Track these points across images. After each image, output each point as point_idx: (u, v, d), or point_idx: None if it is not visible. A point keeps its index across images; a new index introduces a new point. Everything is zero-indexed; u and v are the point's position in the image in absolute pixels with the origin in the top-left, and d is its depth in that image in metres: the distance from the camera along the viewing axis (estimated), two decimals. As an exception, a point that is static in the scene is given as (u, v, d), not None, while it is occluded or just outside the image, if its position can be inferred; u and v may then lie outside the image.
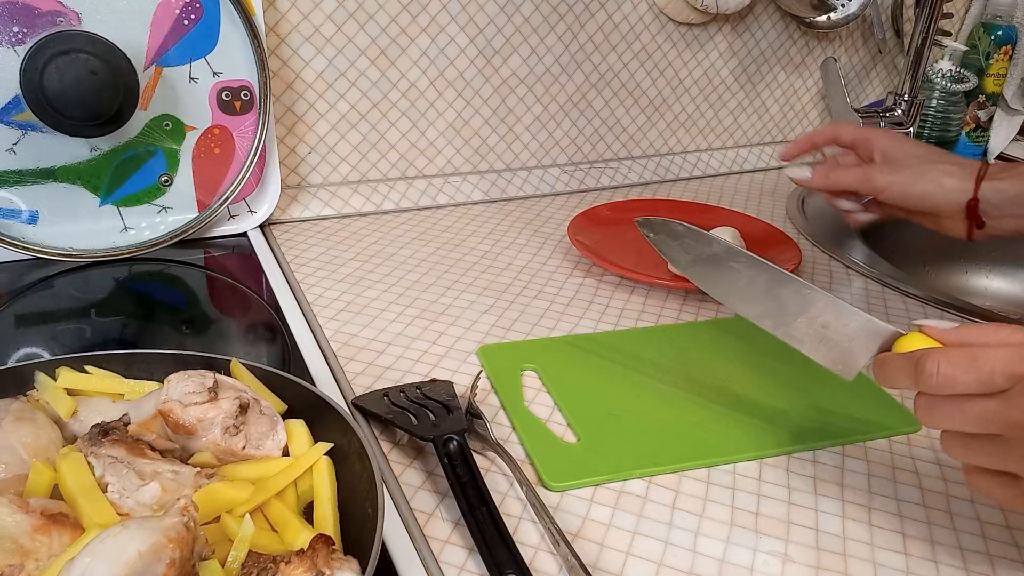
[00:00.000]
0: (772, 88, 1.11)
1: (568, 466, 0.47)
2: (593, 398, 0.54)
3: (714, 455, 0.49)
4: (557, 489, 0.46)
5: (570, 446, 0.50)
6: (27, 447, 0.39)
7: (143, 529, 0.31)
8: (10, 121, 0.66)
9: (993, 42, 1.11)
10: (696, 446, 0.50)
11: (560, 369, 0.58)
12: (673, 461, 0.49)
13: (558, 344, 0.62)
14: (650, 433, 0.51)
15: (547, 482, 0.46)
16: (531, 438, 0.50)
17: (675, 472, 0.48)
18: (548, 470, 0.47)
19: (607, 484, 0.47)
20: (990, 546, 0.44)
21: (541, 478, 0.47)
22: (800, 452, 0.50)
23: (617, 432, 0.51)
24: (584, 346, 0.61)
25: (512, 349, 0.60)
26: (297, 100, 0.84)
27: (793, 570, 0.42)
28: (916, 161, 0.66)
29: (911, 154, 0.66)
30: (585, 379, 0.57)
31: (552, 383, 0.56)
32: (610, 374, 0.57)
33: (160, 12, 0.69)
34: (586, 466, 0.48)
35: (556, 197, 0.96)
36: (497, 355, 0.59)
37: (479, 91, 0.92)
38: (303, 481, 0.41)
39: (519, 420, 0.52)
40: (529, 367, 0.58)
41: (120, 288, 0.70)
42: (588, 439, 0.50)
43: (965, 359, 0.37)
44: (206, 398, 0.42)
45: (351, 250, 0.78)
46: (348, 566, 0.33)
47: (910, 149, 0.67)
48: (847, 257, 0.81)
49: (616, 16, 0.95)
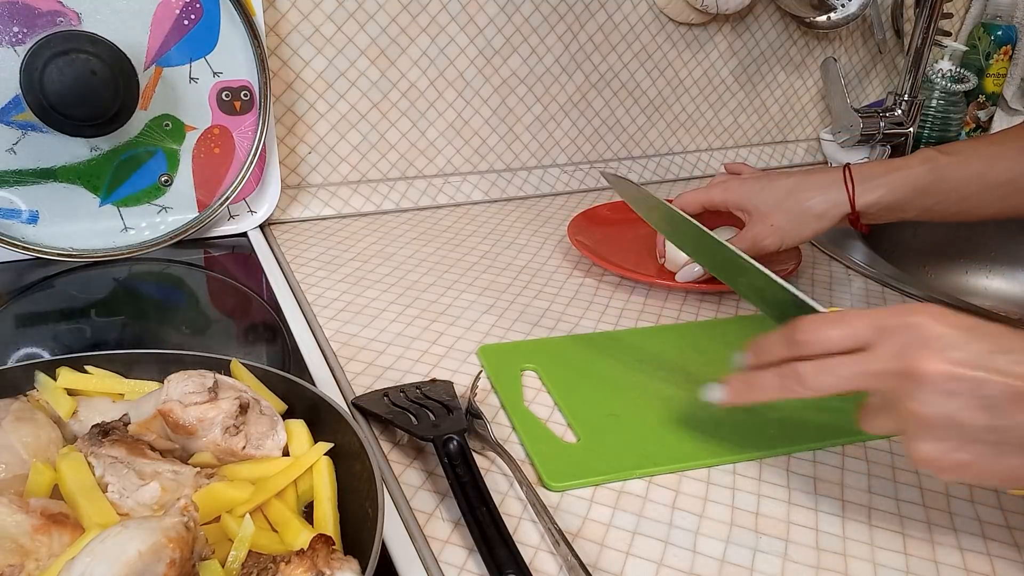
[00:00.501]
0: (772, 88, 1.11)
1: (568, 466, 0.47)
2: (593, 398, 0.54)
3: (714, 455, 0.49)
4: (557, 489, 0.46)
5: (570, 446, 0.50)
6: (27, 447, 0.39)
7: (143, 529, 0.31)
8: (10, 121, 0.66)
9: (993, 42, 1.11)
10: (696, 446, 0.50)
11: (560, 369, 0.58)
12: (673, 461, 0.49)
13: (558, 344, 0.62)
14: (650, 433, 0.51)
15: (547, 482, 0.46)
16: (531, 438, 0.50)
17: (675, 472, 0.48)
18: (548, 470, 0.47)
19: (607, 484, 0.47)
20: (990, 546, 0.44)
21: (541, 478, 0.47)
22: (800, 452, 0.50)
23: (617, 432, 0.51)
24: (584, 346, 0.61)
25: (512, 349, 0.60)
26: (297, 100, 0.84)
27: (793, 570, 0.42)
28: (783, 200, 0.67)
29: (773, 196, 0.67)
30: (585, 379, 0.57)
31: (552, 383, 0.56)
32: (610, 374, 0.57)
33: (160, 12, 0.69)
34: (586, 466, 0.48)
35: (556, 197, 0.96)
36: (497, 355, 0.59)
37: (479, 91, 0.92)
38: (303, 481, 0.41)
39: (519, 420, 0.52)
40: (529, 367, 0.58)
41: (120, 288, 0.70)
42: (588, 439, 0.50)
43: (833, 318, 0.40)
44: (206, 398, 0.42)
45: (351, 250, 0.78)
46: (348, 566, 0.33)
47: (770, 192, 0.67)
48: (847, 257, 0.81)
49: (616, 16, 0.95)
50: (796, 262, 0.75)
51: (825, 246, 0.83)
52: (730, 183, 0.70)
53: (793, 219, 0.66)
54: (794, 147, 1.15)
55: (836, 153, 1.09)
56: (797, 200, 0.66)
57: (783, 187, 0.67)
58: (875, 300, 0.72)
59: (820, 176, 0.67)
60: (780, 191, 0.67)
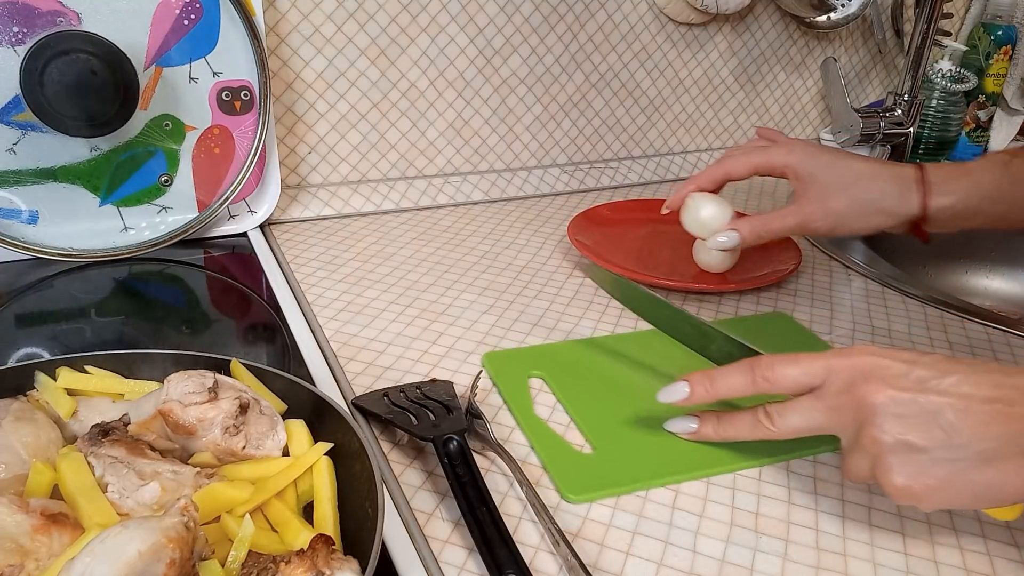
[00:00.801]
0: (772, 88, 1.11)
1: (587, 478, 0.46)
2: (603, 406, 0.53)
3: (737, 461, 0.48)
4: (578, 502, 0.45)
5: (587, 457, 0.49)
6: (27, 447, 0.39)
7: (143, 529, 0.31)
8: (10, 121, 0.66)
9: (993, 42, 1.11)
10: (713, 452, 0.49)
11: (567, 376, 0.56)
12: (693, 470, 0.48)
13: (562, 349, 0.61)
14: (666, 440, 0.50)
15: (566, 495, 0.45)
16: (546, 450, 0.49)
17: (700, 480, 0.48)
18: (567, 483, 0.46)
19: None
20: (990, 546, 0.44)
21: (560, 491, 0.46)
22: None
23: (632, 441, 0.50)
24: (588, 351, 0.61)
25: (517, 356, 0.59)
26: (297, 100, 0.84)
27: (793, 570, 0.42)
28: (851, 184, 0.59)
29: (841, 176, 0.60)
30: (593, 386, 0.56)
31: (561, 391, 0.55)
32: (617, 380, 0.57)
33: (160, 12, 0.69)
34: (606, 477, 0.47)
35: (556, 197, 0.96)
36: (502, 362, 0.58)
37: (479, 91, 0.92)
38: (303, 481, 0.41)
39: (532, 432, 0.50)
40: (536, 374, 0.57)
41: (120, 288, 0.70)
42: (604, 449, 0.49)
43: (788, 358, 0.43)
44: (206, 398, 0.42)
45: (351, 250, 0.78)
46: (348, 566, 0.33)
47: (839, 170, 0.60)
48: (847, 257, 0.81)
49: (616, 16, 0.95)
50: (796, 262, 0.74)
51: (825, 246, 0.83)
52: (795, 146, 0.62)
53: (857, 207, 0.59)
54: (794, 147, 1.15)
55: (836, 153, 1.09)
56: (868, 188, 0.59)
57: (854, 170, 0.60)
58: (875, 300, 0.72)
59: (895, 169, 0.60)
60: (850, 173, 0.60)
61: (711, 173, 0.67)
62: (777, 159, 0.62)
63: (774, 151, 0.63)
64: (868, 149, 1.05)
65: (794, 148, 0.62)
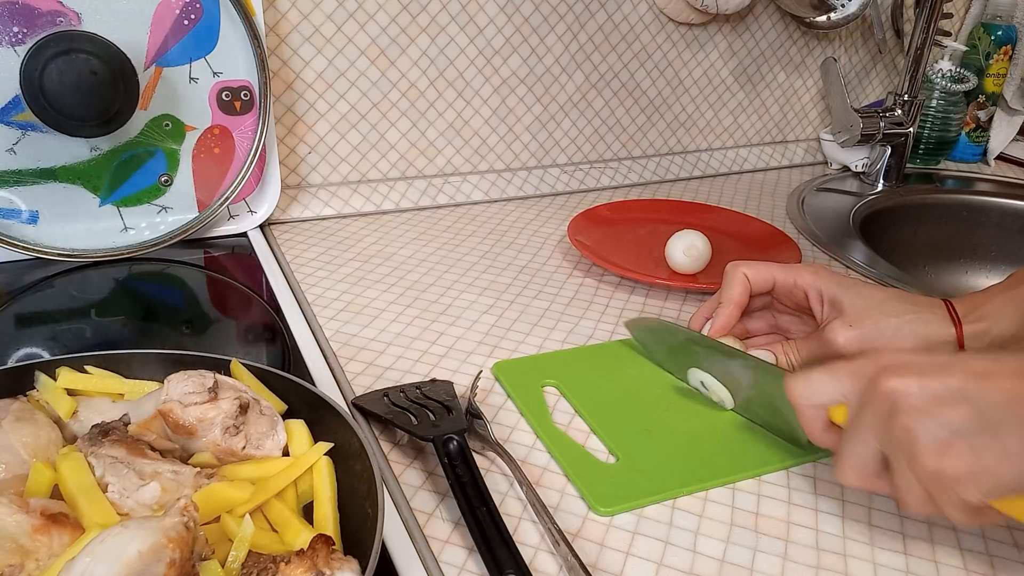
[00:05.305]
0: (772, 88, 1.11)
1: (614, 489, 0.46)
2: (621, 413, 0.53)
3: (759, 466, 0.48)
4: (608, 514, 0.45)
5: (611, 467, 0.48)
6: (27, 447, 0.39)
7: (143, 529, 0.31)
8: (10, 121, 0.66)
9: (993, 42, 1.11)
10: (739, 458, 0.49)
11: (581, 384, 0.56)
12: (719, 476, 0.47)
13: (572, 356, 0.60)
14: (687, 447, 0.50)
15: (595, 507, 0.45)
16: (570, 461, 0.48)
17: (726, 486, 0.47)
18: (595, 495, 0.45)
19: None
20: (990, 546, 0.44)
21: (589, 503, 0.45)
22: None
23: (655, 448, 0.49)
24: (598, 356, 0.60)
25: (527, 364, 0.59)
26: (297, 100, 0.84)
27: (793, 570, 0.42)
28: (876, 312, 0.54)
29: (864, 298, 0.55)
30: (607, 393, 0.55)
31: (577, 399, 0.54)
32: (630, 386, 0.56)
33: (160, 12, 0.69)
34: (633, 487, 0.46)
35: (556, 197, 0.96)
36: (514, 372, 0.57)
37: (479, 91, 0.92)
38: (303, 481, 0.41)
39: (554, 443, 0.50)
40: (549, 383, 0.56)
41: (120, 288, 0.70)
42: (627, 458, 0.48)
43: (824, 370, 0.43)
44: (206, 398, 0.42)
45: (351, 250, 0.78)
46: (348, 566, 0.33)
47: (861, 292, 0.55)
48: (847, 257, 0.81)
49: (616, 16, 0.95)
50: (796, 262, 0.74)
51: (825, 246, 0.83)
52: (820, 268, 0.58)
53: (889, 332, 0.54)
54: (794, 147, 1.15)
55: (836, 153, 1.09)
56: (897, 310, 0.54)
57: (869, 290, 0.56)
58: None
59: (919, 297, 0.56)
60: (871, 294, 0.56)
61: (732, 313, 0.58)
62: (806, 280, 0.57)
63: (803, 271, 0.58)
64: (868, 149, 1.05)
65: (819, 270, 0.58)
